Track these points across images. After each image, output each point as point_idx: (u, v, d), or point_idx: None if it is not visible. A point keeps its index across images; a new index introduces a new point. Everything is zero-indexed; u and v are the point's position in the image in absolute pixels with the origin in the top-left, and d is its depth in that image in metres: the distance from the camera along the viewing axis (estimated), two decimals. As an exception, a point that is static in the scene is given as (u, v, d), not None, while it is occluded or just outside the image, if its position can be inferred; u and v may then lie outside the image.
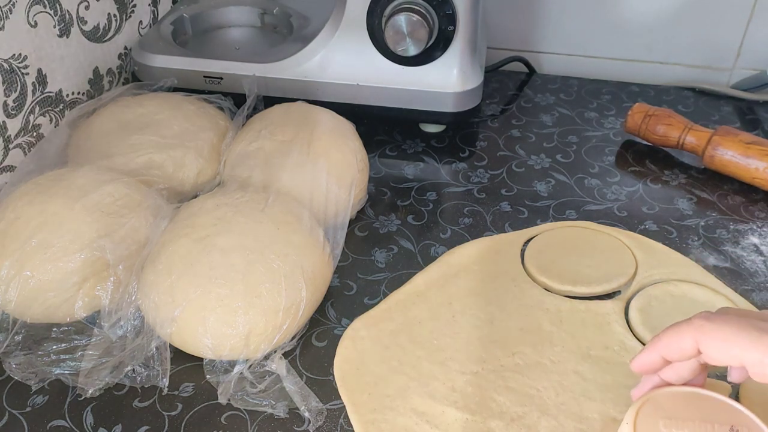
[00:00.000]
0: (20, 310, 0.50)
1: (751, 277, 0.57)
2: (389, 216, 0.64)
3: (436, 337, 0.51)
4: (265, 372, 0.48)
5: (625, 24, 0.84)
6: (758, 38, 0.81)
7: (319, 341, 0.52)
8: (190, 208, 0.54)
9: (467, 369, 0.49)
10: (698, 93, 0.82)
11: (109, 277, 0.51)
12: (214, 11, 0.82)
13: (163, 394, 0.48)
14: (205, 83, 0.72)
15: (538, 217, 0.63)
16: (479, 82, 0.70)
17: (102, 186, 0.53)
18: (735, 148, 0.65)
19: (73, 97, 0.70)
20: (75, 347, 0.50)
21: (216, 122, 0.65)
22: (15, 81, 0.61)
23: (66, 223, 0.50)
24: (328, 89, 0.70)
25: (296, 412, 0.47)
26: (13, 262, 0.49)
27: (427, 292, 0.55)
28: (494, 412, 0.46)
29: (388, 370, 0.49)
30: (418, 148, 0.73)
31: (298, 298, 0.49)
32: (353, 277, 0.57)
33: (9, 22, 0.59)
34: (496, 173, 0.69)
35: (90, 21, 0.71)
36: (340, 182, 0.59)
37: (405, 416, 0.46)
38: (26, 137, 0.64)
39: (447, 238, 0.61)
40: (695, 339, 0.37)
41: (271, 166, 0.58)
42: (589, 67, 0.87)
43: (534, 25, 0.87)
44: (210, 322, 0.48)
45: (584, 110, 0.79)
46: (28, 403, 0.48)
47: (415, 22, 0.64)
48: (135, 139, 0.60)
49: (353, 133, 0.64)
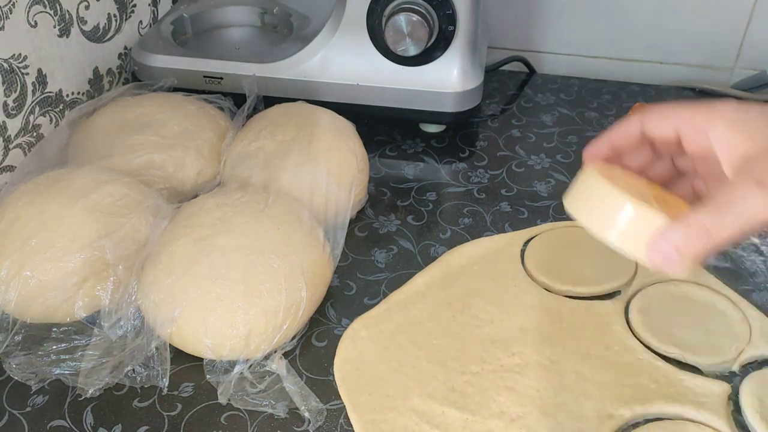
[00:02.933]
0: (20, 310, 0.50)
1: (751, 277, 0.57)
2: (389, 216, 0.64)
3: (436, 337, 0.51)
4: (265, 372, 0.48)
5: (625, 24, 0.84)
6: (758, 38, 0.81)
7: (319, 341, 0.52)
8: (190, 208, 0.54)
9: (467, 369, 0.49)
10: (698, 93, 0.82)
11: (109, 277, 0.51)
12: (214, 11, 0.82)
13: (163, 394, 0.48)
14: (205, 83, 0.72)
15: (538, 217, 0.63)
16: (479, 82, 0.70)
17: (102, 186, 0.53)
18: (735, 148, 0.65)
19: (73, 97, 0.70)
20: (75, 347, 0.50)
21: (216, 122, 0.65)
22: (15, 81, 0.61)
23: (66, 223, 0.50)
24: (328, 89, 0.70)
25: (296, 412, 0.47)
26: (13, 262, 0.49)
27: (427, 292, 0.55)
28: (494, 412, 0.46)
29: (388, 370, 0.49)
30: (418, 148, 0.73)
31: (298, 298, 0.49)
32: (353, 277, 0.57)
33: (9, 22, 0.59)
34: (496, 173, 0.69)
35: (90, 21, 0.71)
36: (340, 182, 0.59)
37: (405, 416, 0.46)
38: (26, 137, 0.64)
39: (447, 238, 0.61)
40: (639, 120, 0.42)
41: (271, 166, 0.58)
42: (589, 67, 0.86)
43: (534, 25, 0.87)
44: (210, 322, 0.48)
45: (584, 110, 0.79)
46: (28, 403, 0.48)
47: (415, 22, 0.64)
48: (135, 139, 0.60)
49: (353, 133, 0.64)
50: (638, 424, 0.46)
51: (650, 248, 0.37)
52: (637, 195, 0.39)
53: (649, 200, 0.40)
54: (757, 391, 0.47)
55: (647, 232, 0.37)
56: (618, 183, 0.40)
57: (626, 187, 0.40)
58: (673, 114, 0.41)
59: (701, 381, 0.48)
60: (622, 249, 0.39)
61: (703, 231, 0.36)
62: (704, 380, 0.48)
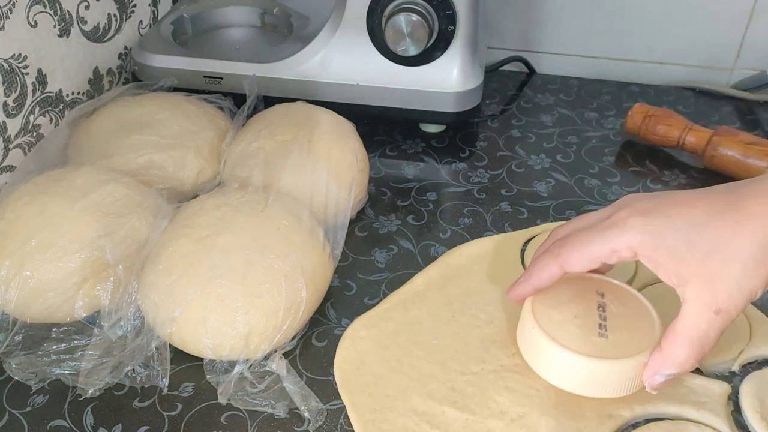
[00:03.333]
0: (20, 310, 0.50)
1: (751, 277, 0.57)
2: (389, 216, 0.64)
3: (436, 337, 0.51)
4: (265, 372, 0.48)
5: (625, 24, 0.84)
6: (758, 38, 0.81)
7: (319, 341, 0.52)
8: (190, 208, 0.54)
9: (467, 369, 0.49)
10: (698, 93, 0.82)
11: (109, 277, 0.51)
12: (214, 11, 0.82)
13: (163, 394, 0.48)
14: (205, 83, 0.72)
15: (538, 218, 0.63)
16: (479, 82, 0.70)
17: (102, 186, 0.53)
18: (735, 148, 0.65)
19: (73, 97, 0.70)
20: (75, 347, 0.50)
21: (216, 122, 0.65)
22: (15, 81, 0.61)
23: (66, 223, 0.50)
24: (328, 89, 0.70)
25: (296, 412, 0.47)
26: (13, 262, 0.49)
27: (427, 292, 0.55)
28: (494, 412, 0.46)
29: (388, 370, 0.49)
30: (418, 148, 0.73)
31: (298, 298, 0.49)
32: (353, 277, 0.57)
33: (9, 22, 0.59)
34: (496, 173, 0.69)
35: (90, 21, 0.71)
36: (340, 182, 0.59)
37: (405, 416, 0.46)
38: (26, 137, 0.64)
39: (447, 238, 0.61)
40: (559, 265, 0.44)
41: (271, 166, 0.58)
42: (589, 67, 0.87)
43: (534, 25, 0.87)
44: (210, 322, 0.48)
45: (584, 110, 0.79)
46: (28, 403, 0.48)
47: (415, 22, 0.64)
48: (135, 139, 0.60)
49: (353, 133, 0.64)
50: (638, 424, 0.46)
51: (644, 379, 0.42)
52: (575, 329, 0.44)
53: (590, 323, 0.45)
54: (757, 391, 0.47)
55: (584, 373, 0.43)
56: (553, 315, 0.45)
57: (561, 320, 0.45)
58: (590, 252, 0.42)
59: (701, 381, 0.48)
60: (564, 388, 0.45)
61: (673, 366, 0.41)
62: (704, 380, 0.48)
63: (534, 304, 0.47)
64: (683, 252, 0.39)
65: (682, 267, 0.39)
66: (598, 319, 0.45)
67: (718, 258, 0.38)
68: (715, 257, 0.38)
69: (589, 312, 0.46)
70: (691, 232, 0.39)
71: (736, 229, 0.38)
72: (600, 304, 0.46)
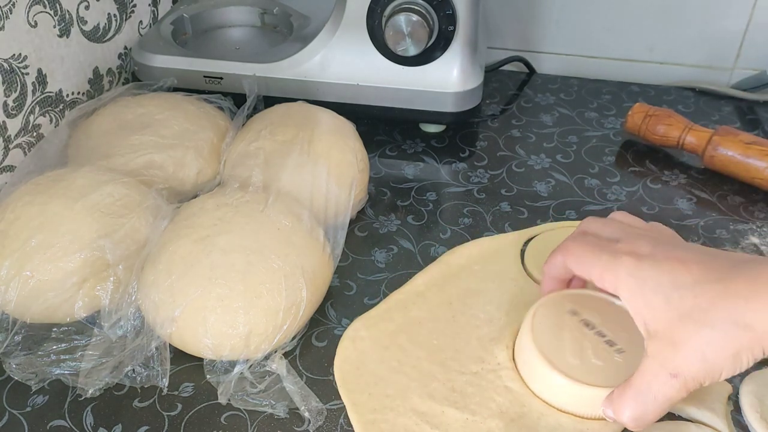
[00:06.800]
0: (20, 310, 0.50)
1: (751, 277, 0.57)
2: (389, 216, 0.64)
3: (436, 337, 0.51)
4: (265, 372, 0.48)
5: (625, 24, 0.84)
6: (758, 38, 0.81)
7: (319, 341, 0.52)
8: (190, 209, 0.54)
9: (467, 369, 0.49)
10: (698, 93, 0.82)
11: (109, 277, 0.51)
12: (214, 11, 0.82)
13: (163, 394, 0.48)
14: (205, 83, 0.72)
15: (538, 217, 0.63)
16: (479, 82, 0.70)
17: (102, 186, 0.53)
18: (735, 148, 0.65)
19: (73, 97, 0.70)
20: (75, 347, 0.50)
21: (216, 122, 0.65)
22: (15, 81, 0.61)
23: (66, 223, 0.50)
24: (328, 89, 0.70)
25: (296, 412, 0.47)
26: (13, 262, 0.49)
27: (427, 292, 0.55)
28: (494, 411, 0.46)
29: (388, 370, 0.49)
30: (418, 148, 0.73)
31: (298, 298, 0.49)
32: (353, 277, 0.57)
33: (9, 22, 0.59)
34: (496, 173, 0.69)
35: (90, 21, 0.71)
36: (340, 182, 0.59)
37: (405, 416, 0.46)
38: (26, 137, 0.64)
39: (447, 238, 0.61)
40: (563, 258, 0.46)
41: (272, 166, 0.58)
42: (589, 67, 0.87)
43: (534, 25, 0.87)
44: (210, 322, 0.48)
45: (584, 110, 0.79)
46: (28, 403, 0.48)
47: (415, 22, 0.64)
48: (135, 139, 0.60)
49: (353, 133, 0.64)
50: (638, 424, 0.46)
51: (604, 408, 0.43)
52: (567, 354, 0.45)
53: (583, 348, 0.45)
54: (757, 391, 0.47)
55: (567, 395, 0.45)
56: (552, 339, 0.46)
57: (559, 342, 0.46)
58: (582, 268, 0.44)
59: (701, 381, 0.48)
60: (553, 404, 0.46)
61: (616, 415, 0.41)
62: (704, 380, 0.48)
63: (537, 309, 0.48)
64: (659, 308, 0.39)
65: (653, 321, 0.39)
66: (599, 338, 0.46)
67: (690, 324, 0.37)
68: (687, 322, 0.38)
69: (584, 335, 0.46)
70: (674, 292, 0.38)
71: (716, 302, 0.37)
72: (585, 322, 0.47)
